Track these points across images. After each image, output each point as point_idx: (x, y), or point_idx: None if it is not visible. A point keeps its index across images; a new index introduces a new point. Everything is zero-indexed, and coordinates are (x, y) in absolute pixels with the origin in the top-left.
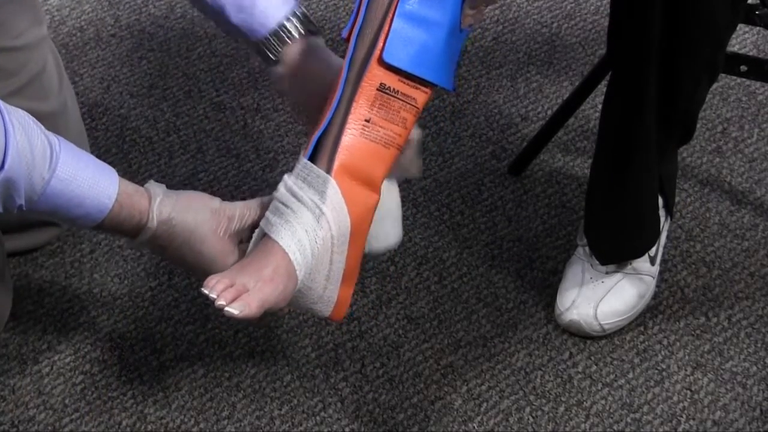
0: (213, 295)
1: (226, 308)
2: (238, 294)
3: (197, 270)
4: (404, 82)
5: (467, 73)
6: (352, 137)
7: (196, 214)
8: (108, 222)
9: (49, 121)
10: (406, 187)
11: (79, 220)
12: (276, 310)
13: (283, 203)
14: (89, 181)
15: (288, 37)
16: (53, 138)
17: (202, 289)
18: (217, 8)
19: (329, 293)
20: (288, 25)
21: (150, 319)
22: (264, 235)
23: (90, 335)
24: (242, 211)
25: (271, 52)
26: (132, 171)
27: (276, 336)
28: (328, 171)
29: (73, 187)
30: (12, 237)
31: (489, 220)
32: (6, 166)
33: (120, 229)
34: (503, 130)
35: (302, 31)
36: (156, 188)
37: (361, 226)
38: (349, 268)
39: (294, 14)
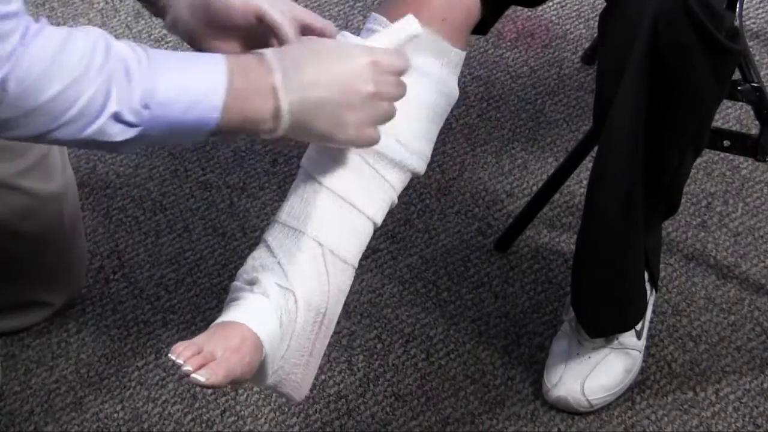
0: (180, 361)
1: (193, 375)
2: (206, 362)
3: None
4: None
5: (452, 150)
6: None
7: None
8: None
9: (53, 200)
10: (392, 264)
11: (201, 91)
12: (240, 381)
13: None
14: (189, 55)
15: None
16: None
17: (170, 355)
18: None
19: (295, 369)
20: None
21: (137, 398)
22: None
23: (77, 416)
24: None
25: None
26: (119, 250)
27: (263, 415)
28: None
29: (177, 59)
30: None
31: (476, 296)
32: None
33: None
34: (489, 207)
35: None
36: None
37: (334, 305)
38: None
39: None
